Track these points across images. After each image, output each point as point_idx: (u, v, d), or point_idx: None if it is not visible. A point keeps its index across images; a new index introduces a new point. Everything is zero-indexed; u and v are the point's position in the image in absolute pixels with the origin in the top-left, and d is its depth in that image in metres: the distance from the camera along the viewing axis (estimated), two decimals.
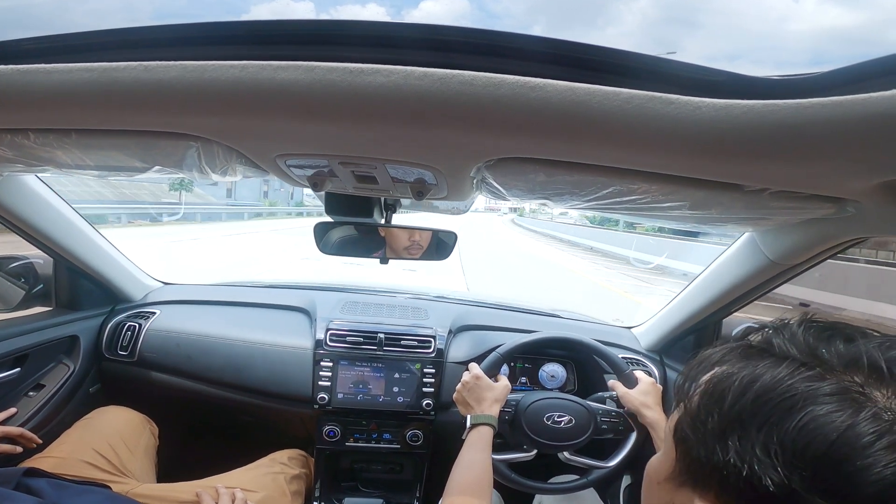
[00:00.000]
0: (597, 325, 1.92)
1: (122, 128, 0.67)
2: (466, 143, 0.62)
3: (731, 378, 0.44)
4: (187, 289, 1.92)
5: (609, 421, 1.34)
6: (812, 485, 0.38)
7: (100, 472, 1.24)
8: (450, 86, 0.50)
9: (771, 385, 0.41)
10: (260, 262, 10.57)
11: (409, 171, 0.78)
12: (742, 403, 0.42)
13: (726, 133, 0.49)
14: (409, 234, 1.29)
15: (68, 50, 0.55)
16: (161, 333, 1.64)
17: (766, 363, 0.43)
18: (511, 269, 13.37)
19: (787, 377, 0.41)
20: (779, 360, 0.43)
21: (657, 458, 0.56)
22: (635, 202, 0.77)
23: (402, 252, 1.31)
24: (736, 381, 0.43)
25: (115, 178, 0.94)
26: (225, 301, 1.83)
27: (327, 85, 0.51)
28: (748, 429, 0.41)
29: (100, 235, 1.55)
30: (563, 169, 0.67)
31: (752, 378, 0.43)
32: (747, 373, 0.43)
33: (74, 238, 1.44)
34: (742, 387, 0.43)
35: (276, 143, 0.71)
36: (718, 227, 1.00)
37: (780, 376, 0.41)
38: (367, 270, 7.27)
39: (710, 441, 0.44)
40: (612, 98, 0.49)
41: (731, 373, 0.45)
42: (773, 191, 0.67)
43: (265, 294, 1.89)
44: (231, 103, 0.56)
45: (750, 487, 0.40)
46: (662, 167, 0.62)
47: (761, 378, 0.42)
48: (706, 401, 0.46)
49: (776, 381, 0.41)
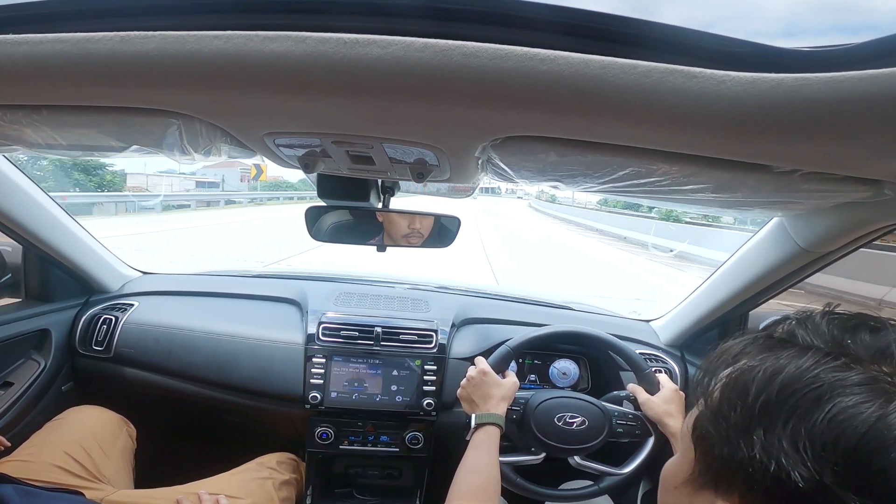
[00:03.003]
0: (612, 317, 1.93)
1: (97, 104, 0.68)
2: (471, 120, 0.62)
3: (753, 370, 0.45)
4: (168, 279, 1.93)
5: (625, 424, 1.34)
6: (844, 480, 0.38)
7: (72, 476, 1.25)
8: (452, 58, 0.50)
9: (796, 375, 0.42)
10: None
11: (409, 151, 0.78)
12: (767, 395, 0.43)
13: (753, 109, 0.50)
14: (409, 219, 1.29)
15: (38, 19, 0.55)
16: (139, 327, 1.65)
17: (790, 353, 0.44)
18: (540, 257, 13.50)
19: (812, 367, 0.42)
20: (803, 351, 0.44)
21: (674, 460, 0.57)
22: (654, 184, 0.77)
23: (400, 239, 1.31)
24: (759, 373, 0.44)
25: (88, 158, 0.95)
26: (208, 292, 1.84)
27: (319, 57, 0.51)
28: (774, 422, 0.42)
29: (73, 221, 1.56)
30: (576, 148, 0.67)
31: (775, 369, 0.44)
32: (770, 364, 0.44)
33: (45, 224, 1.45)
34: (766, 378, 0.44)
35: (264, 121, 0.71)
36: (744, 211, 1.00)
37: (805, 366, 0.42)
38: (392, 261, 7.22)
39: (733, 437, 0.45)
40: (629, 71, 0.49)
41: (752, 365, 0.46)
42: (804, 172, 0.68)
43: (252, 284, 1.90)
44: (215, 77, 0.56)
45: (778, 484, 0.41)
46: (684, 146, 0.62)
47: (785, 369, 0.43)
48: (728, 394, 0.46)
49: (801, 371, 0.42)
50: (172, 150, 0.81)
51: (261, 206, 27.26)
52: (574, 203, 37.08)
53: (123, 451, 1.45)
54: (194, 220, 16.70)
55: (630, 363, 1.42)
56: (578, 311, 1.95)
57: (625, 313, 2.02)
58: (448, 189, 1.19)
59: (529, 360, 1.72)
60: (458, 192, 1.27)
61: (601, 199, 27.63)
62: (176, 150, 0.81)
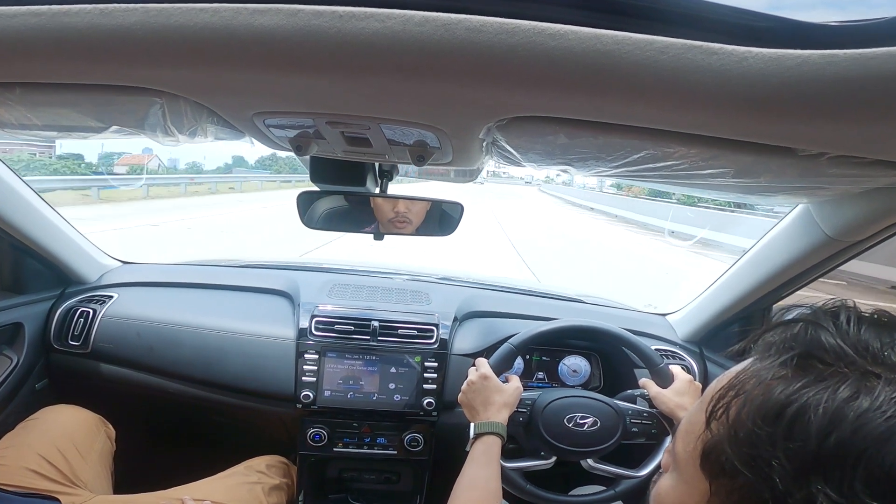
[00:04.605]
0: (626, 311, 1.94)
1: (75, 81, 0.68)
2: (475, 99, 0.62)
3: (809, 408, 0.43)
4: (150, 268, 1.93)
5: (640, 423, 1.34)
6: None
7: (46, 481, 1.25)
8: (455, 33, 0.50)
9: (871, 413, 0.41)
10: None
11: (408, 133, 0.79)
12: (838, 436, 0.41)
13: (777, 88, 0.50)
14: (408, 205, 1.30)
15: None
16: (119, 320, 1.65)
17: (849, 384, 0.43)
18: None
19: (885, 402, 0.41)
20: (862, 377, 0.43)
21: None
22: (671, 168, 0.78)
23: (398, 227, 1.32)
24: (820, 411, 0.42)
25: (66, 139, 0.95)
26: (194, 283, 1.84)
27: (313, 32, 0.51)
28: (843, 464, 0.41)
29: (48, 206, 1.56)
30: (588, 130, 0.67)
31: (839, 405, 0.42)
32: (828, 396, 0.43)
33: (18, 210, 1.45)
34: (831, 415, 0.42)
35: (254, 100, 0.71)
36: (767, 197, 1.00)
37: (880, 401, 0.41)
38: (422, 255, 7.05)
39: (784, 479, 0.43)
40: (644, 47, 0.49)
41: (805, 403, 0.43)
42: (832, 155, 0.67)
43: (240, 275, 1.90)
44: (201, 53, 0.56)
45: None
46: (702, 128, 0.63)
47: (855, 405, 0.42)
48: (775, 432, 0.44)
49: (875, 407, 0.41)
50: (155, 130, 0.81)
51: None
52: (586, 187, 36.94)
53: (102, 453, 1.46)
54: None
55: (643, 358, 1.43)
56: (589, 304, 1.95)
57: (639, 306, 2.03)
58: (454, 174, 1.19)
59: (537, 357, 1.73)
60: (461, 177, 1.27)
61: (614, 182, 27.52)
62: (159, 130, 0.81)
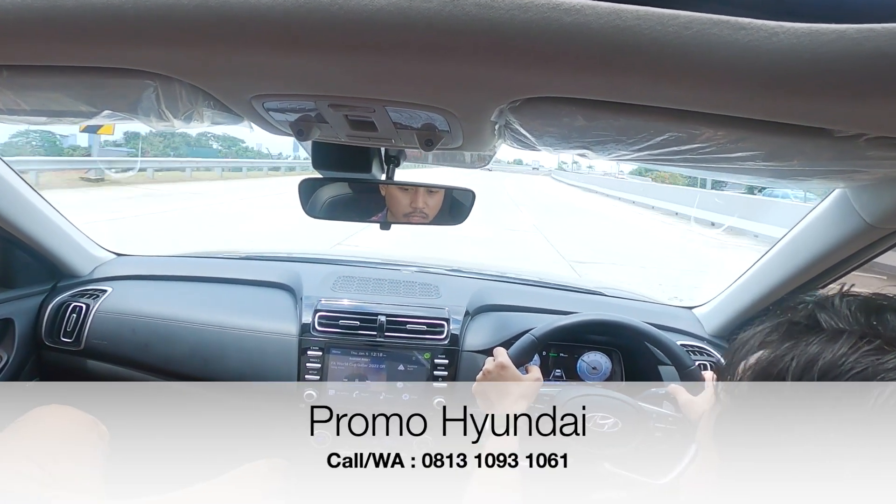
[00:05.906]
0: (649, 304, 1.93)
1: (65, 64, 0.68)
2: (486, 79, 0.62)
3: (783, 359, 0.48)
4: (145, 261, 1.95)
5: (665, 427, 1.33)
6: None
7: (36, 484, 1.25)
8: (465, 9, 0.50)
9: (832, 361, 0.45)
10: None
11: (416, 116, 0.79)
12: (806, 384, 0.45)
13: (811, 65, 0.49)
14: (416, 192, 1.29)
15: None
16: (113, 316, 1.67)
17: (819, 339, 0.46)
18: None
19: (849, 352, 0.44)
20: (834, 335, 0.46)
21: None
22: (697, 151, 0.77)
23: (406, 215, 1.31)
24: (792, 362, 0.47)
25: (56, 124, 0.96)
26: (191, 276, 1.86)
27: (314, 8, 0.51)
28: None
29: (37, 195, 1.57)
30: (607, 111, 0.67)
31: (810, 357, 0.46)
32: (800, 351, 0.47)
33: (6, 199, 1.46)
34: (801, 367, 0.46)
35: (252, 82, 0.72)
36: (801, 182, 0.99)
37: (841, 352, 0.45)
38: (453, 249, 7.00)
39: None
40: (667, 22, 0.49)
41: (780, 354, 0.48)
42: (871, 137, 0.67)
43: (240, 267, 1.92)
44: (196, 32, 0.56)
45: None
46: (730, 108, 0.62)
47: (821, 355, 0.45)
48: (758, 387, 0.49)
49: (837, 356, 0.45)
50: (149, 115, 0.81)
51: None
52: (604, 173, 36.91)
53: (94, 455, 1.46)
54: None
55: (671, 357, 1.41)
56: (610, 297, 1.95)
57: (664, 299, 2.02)
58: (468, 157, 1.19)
59: (555, 353, 1.72)
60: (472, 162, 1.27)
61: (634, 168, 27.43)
62: (152, 115, 0.81)
